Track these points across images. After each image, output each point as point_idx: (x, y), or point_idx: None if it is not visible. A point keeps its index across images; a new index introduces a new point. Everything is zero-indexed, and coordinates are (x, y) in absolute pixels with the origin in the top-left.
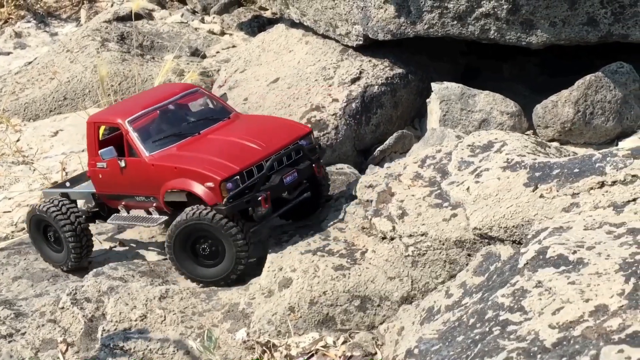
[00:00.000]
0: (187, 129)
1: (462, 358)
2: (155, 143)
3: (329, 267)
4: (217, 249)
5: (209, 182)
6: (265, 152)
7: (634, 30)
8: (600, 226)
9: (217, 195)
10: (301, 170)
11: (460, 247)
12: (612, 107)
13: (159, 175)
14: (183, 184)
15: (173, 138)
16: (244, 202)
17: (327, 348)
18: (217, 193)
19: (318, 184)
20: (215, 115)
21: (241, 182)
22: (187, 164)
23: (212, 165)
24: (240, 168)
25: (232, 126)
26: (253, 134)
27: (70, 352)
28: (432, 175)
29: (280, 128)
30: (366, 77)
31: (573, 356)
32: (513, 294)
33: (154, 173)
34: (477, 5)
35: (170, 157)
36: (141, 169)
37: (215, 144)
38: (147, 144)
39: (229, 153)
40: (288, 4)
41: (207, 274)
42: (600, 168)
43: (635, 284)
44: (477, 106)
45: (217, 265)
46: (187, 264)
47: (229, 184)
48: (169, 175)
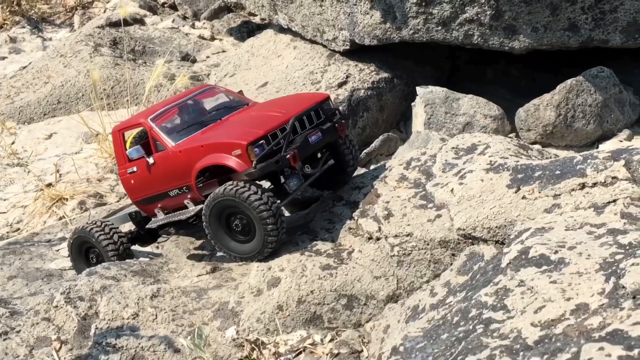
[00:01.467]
0: (209, 118)
1: (447, 355)
2: (179, 133)
3: (316, 267)
4: (249, 224)
5: (236, 150)
6: (286, 116)
7: (614, 36)
8: (581, 227)
9: (245, 161)
10: (325, 130)
11: (444, 247)
12: (593, 111)
13: (188, 159)
14: (212, 159)
15: (196, 126)
16: (273, 163)
17: (315, 346)
18: (245, 159)
19: (342, 153)
20: (234, 105)
21: (267, 145)
22: (214, 139)
23: (237, 134)
24: (265, 132)
25: (252, 108)
26: (273, 107)
27: (64, 349)
28: (417, 177)
29: (298, 98)
30: (353, 81)
31: (555, 353)
32: (496, 293)
33: (183, 158)
34: (461, 11)
35: (196, 140)
36: (170, 160)
37: (237, 121)
38: (172, 135)
39: (251, 123)
40: (276, 10)
41: (241, 250)
42: (581, 170)
43: (615, 283)
44: (461, 109)
45: (249, 241)
46: (223, 239)
47: (256, 149)
48: (198, 155)
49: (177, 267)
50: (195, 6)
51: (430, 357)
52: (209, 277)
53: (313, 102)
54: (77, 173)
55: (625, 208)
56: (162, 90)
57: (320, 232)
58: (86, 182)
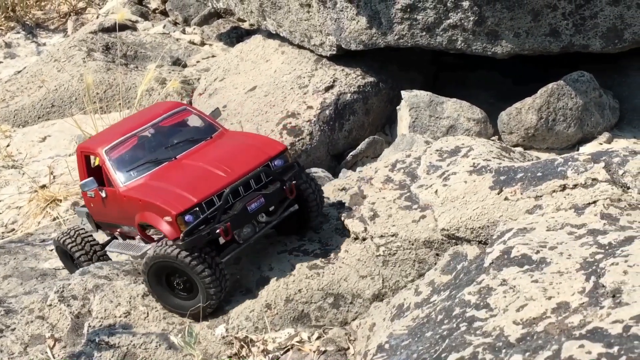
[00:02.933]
0: (164, 154)
1: (431, 353)
2: (130, 172)
3: (304, 266)
4: (191, 283)
5: (167, 216)
6: (228, 179)
7: (594, 41)
8: (562, 227)
9: (175, 229)
10: (269, 195)
11: (428, 247)
12: (574, 114)
13: (130, 207)
14: (148, 217)
15: (148, 165)
16: (202, 235)
17: (302, 343)
18: (175, 227)
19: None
20: (197, 136)
21: (202, 212)
22: (150, 197)
23: (171, 197)
24: (199, 199)
25: (208, 148)
26: (222, 158)
27: (58, 347)
28: (402, 179)
29: (251, 149)
30: (339, 85)
31: (536, 351)
32: (479, 292)
33: (127, 204)
34: (444, 17)
35: (139, 189)
36: (117, 200)
37: (182, 172)
38: (122, 173)
39: (190, 182)
40: (265, 15)
41: (185, 306)
42: (562, 172)
43: (595, 283)
44: (445, 113)
45: (193, 298)
46: (165, 297)
47: (188, 217)
48: (138, 208)
49: None
50: (186, 12)
51: (415, 354)
52: None
53: (264, 158)
54: (71, 175)
55: (605, 209)
56: (153, 94)
57: (307, 233)
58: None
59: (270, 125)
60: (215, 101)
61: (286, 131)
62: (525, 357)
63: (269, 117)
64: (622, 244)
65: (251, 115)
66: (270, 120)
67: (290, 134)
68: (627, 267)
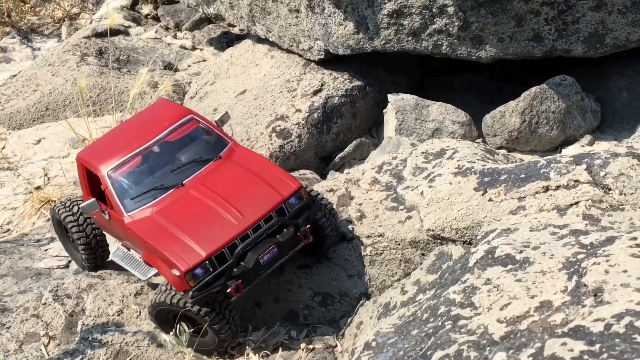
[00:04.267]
0: (170, 179)
1: (417, 350)
2: (134, 200)
3: (293, 266)
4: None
5: (175, 270)
6: (240, 227)
7: (576, 46)
8: (545, 228)
9: (184, 283)
10: (282, 244)
11: (414, 247)
12: (556, 117)
13: (136, 239)
14: (155, 262)
15: (154, 192)
16: (213, 293)
17: (291, 341)
18: (183, 282)
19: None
20: (206, 155)
21: (212, 266)
22: (157, 243)
23: (180, 250)
24: (208, 254)
25: (217, 175)
26: (233, 197)
27: (52, 344)
28: (388, 180)
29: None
30: (327, 89)
31: (519, 348)
32: (464, 291)
33: (133, 237)
34: (430, 22)
35: (145, 226)
36: (122, 227)
37: (190, 211)
38: (126, 201)
39: (200, 230)
40: (255, 21)
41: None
42: (545, 174)
43: (577, 282)
44: (430, 116)
45: (205, 335)
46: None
47: (197, 271)
48: (144, 247)
49: None
50: (177, 18)
51: (401, 352)
52: None
53: (278, 201)
54: (65, 176)
55: (587, 210)
56: (145, 97)
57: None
58: (73, 185)
59: (259, 128)
60: (206, 104)
61: (275, 134)
62: (509, 354)
63: (259, 120)
64: (603, 244)
65: (241, 118)
66: (260, 123)
67: (279, 136)
68: (608, 266)
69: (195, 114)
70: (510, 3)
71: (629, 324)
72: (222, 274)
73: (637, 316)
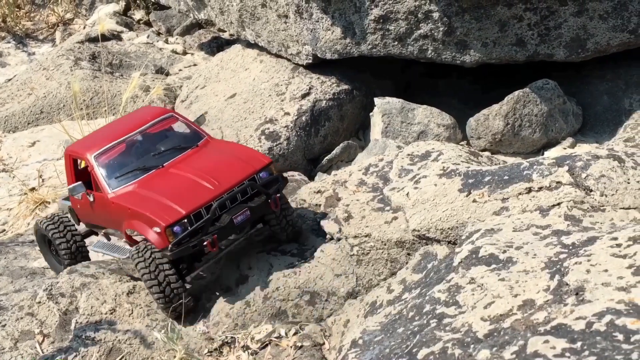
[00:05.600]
0: (152, 162)
1: (402, 348)
2: (118, 179)
3: (281, 265)
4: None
5: (156, 227)
6: (216, 191)
7: (558, 50)
8: (528, 228)
9: (164, 239)
10: (254, 208)
11: (400, 247)
12: (539, 120)
13: (119, 213)
14: (137, 226)
15: (136, 172)
16: (190, 247)
17: (280, 339)
18: (163, 238)
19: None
20: (184, 144)
21: (190, 224)
22: (139, 207)
23: (160, 209)
24: (187, 212)
25: (194, 158)
26: (208, 170)
27: (47, 342)
28: (375, 182)
29: (237, 161)
30: (315, 92)
31: (503, 346)
32: (448, 290)
33: (115, 211)
34: (415, 27)
35: (128, 197)
36: (106, 206)
37: (171, 182)
38: (111, 180)
39: (180, 193)
40: (244, 26)
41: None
42: (528, 175)
43: (560, 281)
44: (416, 119)
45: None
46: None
47: (176, 228)
48: (126, 216)
49: None
50: (169, 23)
51: (387, 349)
52: None
53: (251, 171)
54: (59, 178)
55: (569, 211)
56: (137, 101)
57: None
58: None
59: (249, 131)
60: (196, 108)
61: (264, 136)
62: (493, 352)
63: (248, 123)
64: (585, 244)
65: (231, 121)
66: (249, 126)
67: (269, 139)
68: (589, 266)
69: (176, 112)
70: (494, 9)
71: (609, 322)
72: (198, 232)
73: (617, 314)
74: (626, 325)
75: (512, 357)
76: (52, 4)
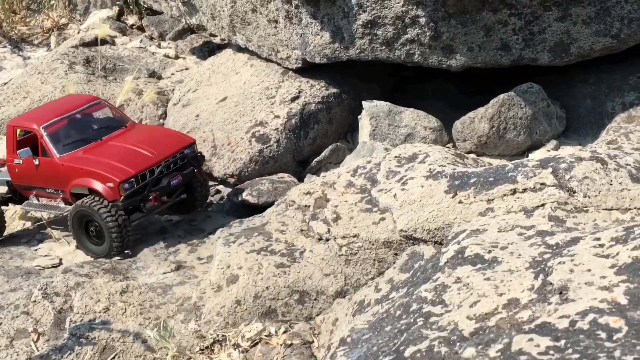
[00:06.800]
0: (91, 135)
1: (390, 346)
2: (65, 146)
3: (271, 265)
4: (102, 232)
5: (110, 183)
6: (156, 158)
7: (542, 55)
8: (513, 228)
9: (115, 193)
10: (185, 175)
11: (388, 247)
12: (523, 123)
13: (67, 174)
14: (87, 182)
15: (79, 142)
16: (137, 199)
17: (270, 337)
18: (115, 192)
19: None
20: (115, 124)
21: (136, 183)
22: (92, 167)
23: (112, 168)
24: (136, 172)
25: (129, 134)
26: (146, 142)
27: (42, 340)
28: (363, 184)
29: (168, 137)
30: (304, 96)
31: (488, 344)
32: (435, 289)
33: (63, 172)
34: (403, 32)
35: (77, 159)
36: (53, 168)
37: (114, 150)
38: (58, 146)
39: (126, 158)
40: (235, 31)
41: (95, 250)
42: (513, 177)
43: (544, 280)
44: (403, 122)
45: (101, 244)
46: (82, 240)
47: (126, 185)
48: (76, 175)
49: (144, 266)
50: (161, 28)
51: (375, 347)
52: (174, 275)
53: (181, 146)
54: None
55: (553, 212)
56: (131, 104)
57: (274, 234)
58: None
59: (240, 134)
60: (188, 111)
61: (255, 139)
62: (478, 350)
63: (239, 126)
64: (568, 244)
65: (222, 124)
66: (240, 128)
67: (259, 141)
68: (573, 265)
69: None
70: (480, 14)
71: (592, 321)
72: (144, 189)
73: (600, 313)
74: (609, 324)
75: (497, 355)
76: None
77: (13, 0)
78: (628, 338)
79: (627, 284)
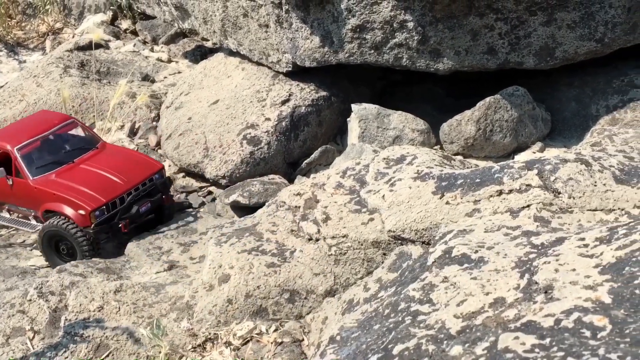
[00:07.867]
0: (64, 157)
1: (378, 344)
2: (37, 169)
3: (262, 265)
4: (74, 249)
5: (81, 210)
6: (126, 186)
7: (528, 59)
8: (499, 229)
9: (86, 220)
10: (153, 201)
11: (376, 247)
12: (509, 125)
13: (40, 196)
14: (59, 207)
15: (52, 165)
16: (107, 227)
17: (261, 335)
18: (86, 219)
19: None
20: (86, 145)
21: (106, 211)
22: (64, 193)
23: (84, 195)
24: (107, 200)
25: (100, 157)
26: (117, 168)
27: (37, 339)
28: (352, 185)
29: (138, 163)
30: (295, 99)
31: (475, 342)
32: (423, 288)
33: (37, 194)
34: (391, 36)
35: (50, 183)
36: (26, 189)
37: (86, 175)
38: (31, 169)
39: (97, 185)
40: (227, 35)
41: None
42: (499, 178)
43: (529, 280)
44: (391, 124)
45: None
46: (53, 259)
47: (97, 212)
48: (48, 199)
49: (137, 265)
50: (154, 32)
51: (364, 345)
52: (167, 274)
53: (150, 172)
54: None
55: (538, 212)
56: (124, 107)
57: (265, 234)
58: None
59: (231, 136)
60: (181, 113)
61: (246, 141)
62: (465, 348)
63: (230, 128)
64: (553, 245)
65: (214, 126)
66: (232, 131)
67: (250, 143)
68: (558, 265)
69: (75, 118)
70: (467, 18)
71: (577, 319)
72: (114, 217)
73: (585, 312)
74: (593, 322)
75: (484, 352)
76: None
77: (9, 5)
78: (612, 336)
79: (611, 284)
